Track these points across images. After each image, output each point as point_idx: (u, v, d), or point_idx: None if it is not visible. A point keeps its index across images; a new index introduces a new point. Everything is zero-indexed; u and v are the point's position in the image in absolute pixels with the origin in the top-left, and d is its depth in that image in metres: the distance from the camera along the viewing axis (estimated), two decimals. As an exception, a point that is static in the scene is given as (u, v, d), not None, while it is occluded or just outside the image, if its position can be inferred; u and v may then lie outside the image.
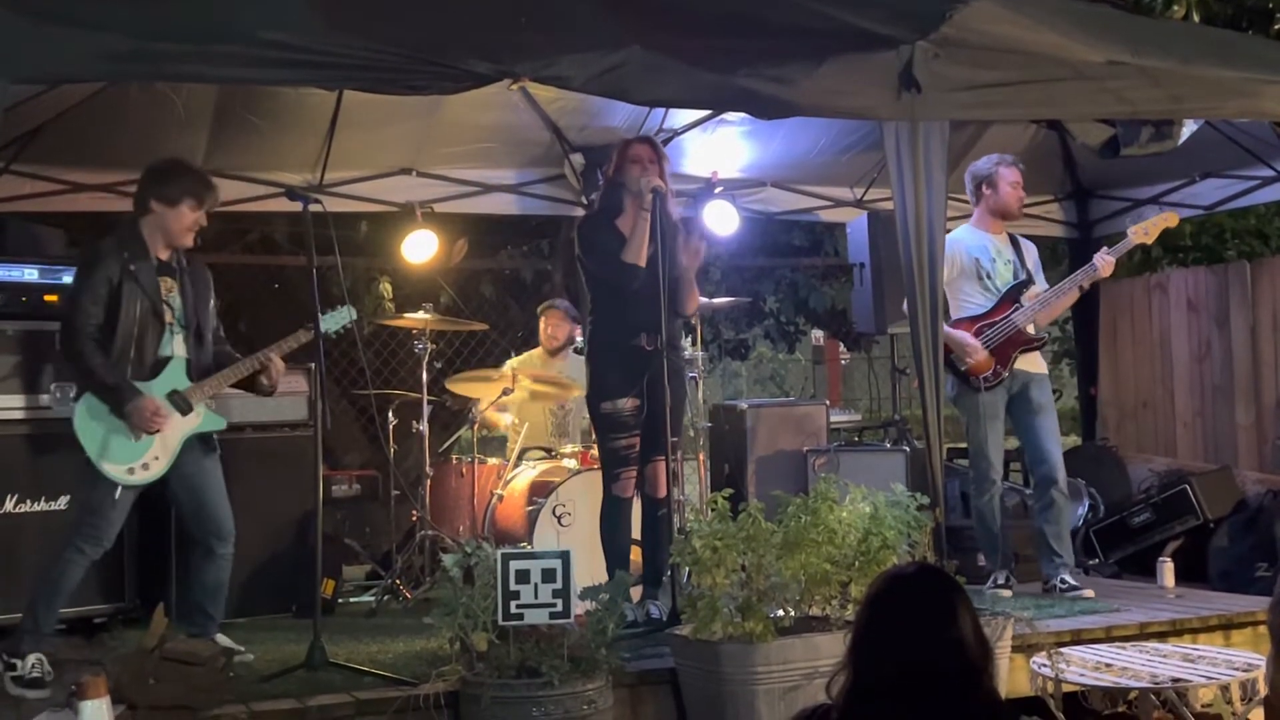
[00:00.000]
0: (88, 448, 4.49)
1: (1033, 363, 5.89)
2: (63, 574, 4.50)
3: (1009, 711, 2.41)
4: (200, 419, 4.68)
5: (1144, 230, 5.88)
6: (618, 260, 5.13)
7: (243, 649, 4.76)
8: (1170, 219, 5.98)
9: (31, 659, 4.40)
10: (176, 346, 4.68)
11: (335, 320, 4.99)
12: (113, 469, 4.51)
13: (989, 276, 5.86)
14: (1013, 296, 5.85)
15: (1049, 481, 5.77)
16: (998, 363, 5.76)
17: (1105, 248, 5.94)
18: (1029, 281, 5.91)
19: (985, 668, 2.31)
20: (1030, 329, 5.86)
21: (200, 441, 4.72)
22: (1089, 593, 5.61)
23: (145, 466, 4.56)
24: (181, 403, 4.63)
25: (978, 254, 5.88)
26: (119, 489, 4.51)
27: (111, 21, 3.66)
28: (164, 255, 4.69)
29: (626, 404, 5.14)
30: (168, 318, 4.64)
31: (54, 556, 4.54)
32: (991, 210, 5.94)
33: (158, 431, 4.54)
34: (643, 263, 5.10)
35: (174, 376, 4.65)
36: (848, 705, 2.32)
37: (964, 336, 5.75)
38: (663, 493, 5.17)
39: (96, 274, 4.54)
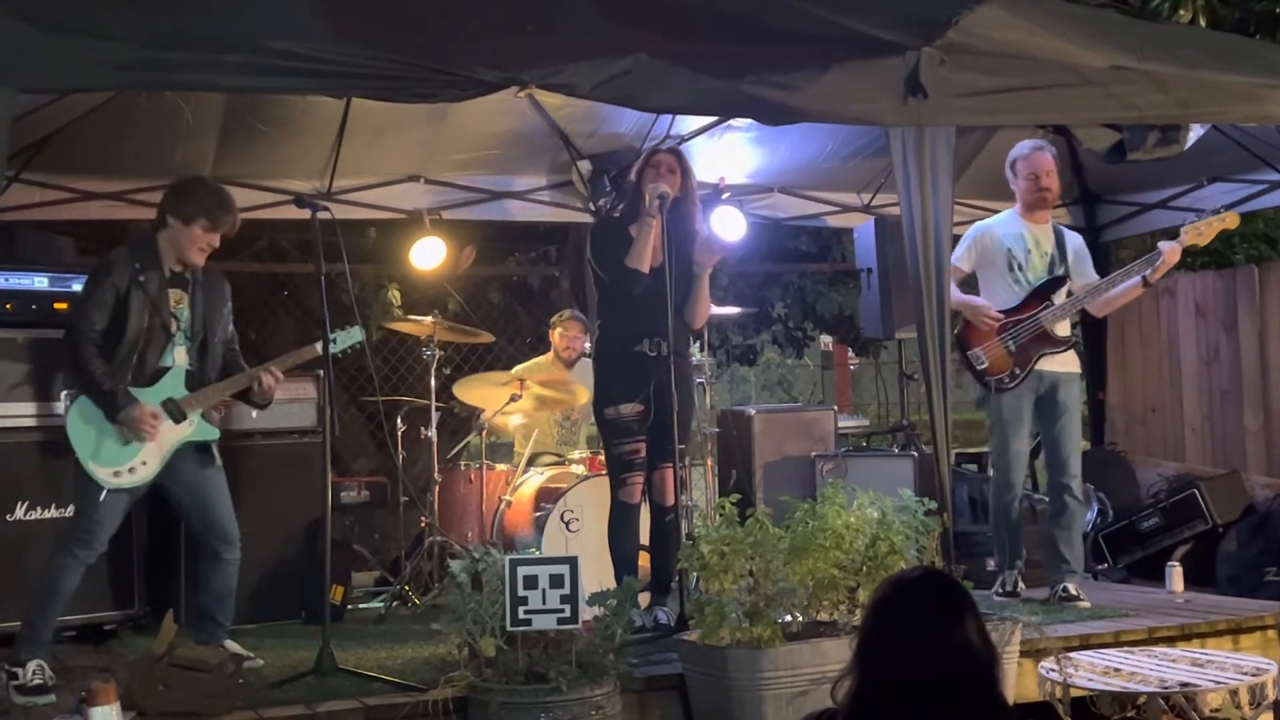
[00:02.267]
0: (78, 449, 4.54)
1: (1064, 362, 5.64)
2: (56, 579, 4.53)
3: (1017, 716, 2.40)
4: (193, 428, 4.71)
5: (1198, 230, 5.52)
6: (621, 264, 5.12)
7: (252, 655, 4.77)
8: (1231, 219, 5.56)
9: (32, 666, 4.42)
10: (179, 357, 4.71)
11: (344, 340, 4.99)
12: (99, 471, 4.54)
13: (1020, 268, 5.62)
14: (1044, 294, 5.59)
15: (1064, 486, 5.61)
16: (1016, 364, 5.54)
17: (1164, 241, 5.59)
18: (1064, 279, 5.64)
19: (991, 672, 2.31)
20: (1059, 330, 5.60)
21: (197, 451, 4.74)
22: (1084, 603, 5.45)
23: (132, 470, 4.58)
24: (175, 411, 4.65)
25: (1010, 243, 5.65)
26: (104, 491, 4.54)
27: (120, 31, 3.68)
28: (177, 267, 4.72)
29: (629, 409, 5.12)
30: (173, 329, 4.68)
31: (48, 562, 4.57)
32: (1019, 199, 5.74)
33: (151, 438, 4.57)
34: (645, 268, 5.09)
35: (171, 385, 4.68)
36: (853, 710, 2.32)
37: (977, 301, 5.57)
38: (670, 500, 5.15)
39: (104, 283, 4.60)
